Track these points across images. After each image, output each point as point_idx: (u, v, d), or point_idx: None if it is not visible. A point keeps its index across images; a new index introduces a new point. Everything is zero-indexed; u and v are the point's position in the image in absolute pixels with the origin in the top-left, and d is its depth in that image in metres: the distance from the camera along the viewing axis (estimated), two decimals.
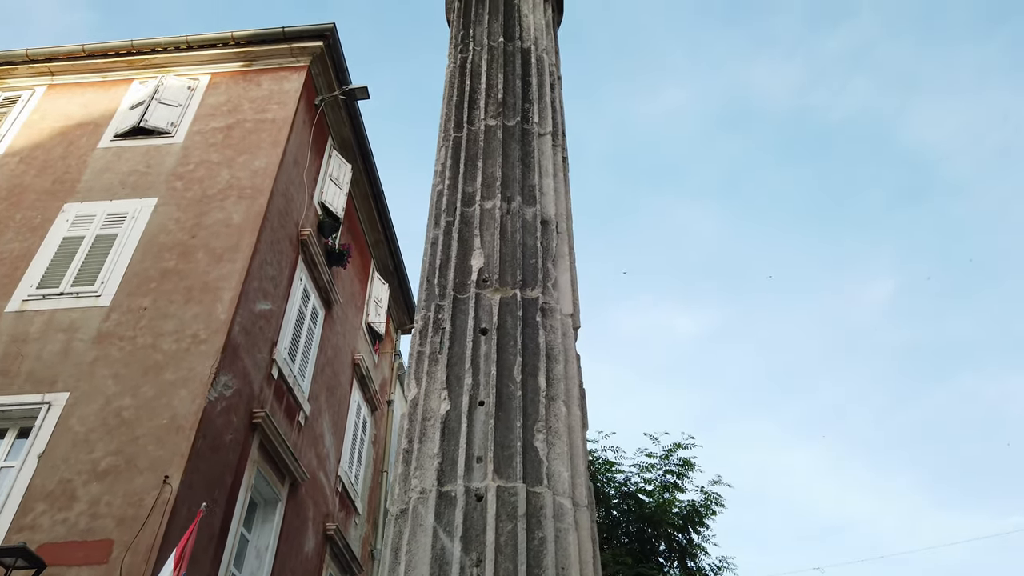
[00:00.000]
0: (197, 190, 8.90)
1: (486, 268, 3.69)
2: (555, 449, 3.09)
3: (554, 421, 3.18)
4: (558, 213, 4.19)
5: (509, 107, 4.58)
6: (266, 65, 10.71)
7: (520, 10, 5.35)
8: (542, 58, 5.11)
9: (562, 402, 3.27)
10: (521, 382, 3.22)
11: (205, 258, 8.04)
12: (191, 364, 7.07)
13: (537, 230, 3.91)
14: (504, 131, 4.41)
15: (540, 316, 3.52)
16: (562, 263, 3.96)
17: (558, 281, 3.82)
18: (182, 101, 10.30)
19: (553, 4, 5.83)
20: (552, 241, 3.96)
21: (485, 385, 3.21)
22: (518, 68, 4.88)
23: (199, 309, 7.54)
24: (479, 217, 3.93)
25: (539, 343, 3.40)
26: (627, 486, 11.75)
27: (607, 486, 11.57)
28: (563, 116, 5.04)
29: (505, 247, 3.79)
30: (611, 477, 11.67)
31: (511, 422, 3.09)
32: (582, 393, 3.70)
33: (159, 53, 10.98)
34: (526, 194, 4.09)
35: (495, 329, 3.40)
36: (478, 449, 3.02)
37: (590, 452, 11.95)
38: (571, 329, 3.68)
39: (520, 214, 3.94)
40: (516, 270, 3.66)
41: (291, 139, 9.57)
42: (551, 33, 5.51)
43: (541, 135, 4.56)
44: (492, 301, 3.53)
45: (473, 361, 3.30)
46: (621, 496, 11.51)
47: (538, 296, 3.60)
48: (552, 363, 3.39)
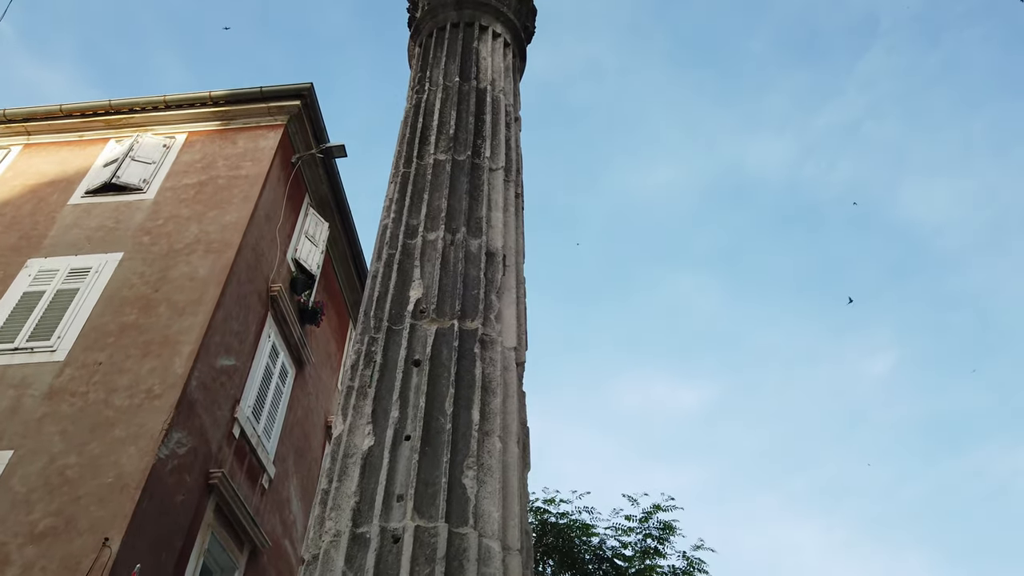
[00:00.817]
0: (164, 244, 8.75)
1: (424, 299, 3.49)
2: (486, 487, 2.83)
3: (487, 457, 2.93)
4: (507, 246, 4.02)
5: (460, 142, 4.48)
6: (243, 124, 10.73)
7: (479, 53, 5.31)
8: (498, 98, 5.04)
9: (497, 437, 3.02)
10: (452, 415, 2.98)
11: (167, 312, 7.82)
12: (142, 420, 6.76)
13: (481, 261, 3.73)
14: (453, 165, 4.29)
15: (479, 347, 3.30)
16: (508, 296, 3.76)
17: (502, 313, 3.62)
18: (156, 158, 10.27)
19: (515, 50, 5.80)
20: (497, 273, 3.77)
21: (413, 418, 2.97)
22: (472, 106, 4.79)
23: (156, 363, 7.27)
24: (420, 248, 3.76)
25: (475, 375, 3.18)
26: (603, 550, 11.20)
27: (582, 550, 11.01)
28: (519, 154, 4.93)
29: (446, 278, 3.60)
30: (586, 540, 11.13)
31: (438, 457, 2.83)
32: (525, 430, 3.45)
33: (137, 112, 11.01)
34: (472, 226, 3.93)
35: (428, 360, 3.18)
36: (400, 487, 2.76)
37: (563, 514, 11.48)
38: (513, 363, 3.45)
39: (464, 245, 3.77)
40: (455, 301, 3.47)
41: (263, 195, 9.48)
42: (511, 76, 5.46)
43: (493, 170, 4.43)
44: (428, 332, 3.32)
45: (402, 393, 3.07)
46: (597, 560, 10.95)
47: (478, 327, 3.39)
48: (489, 396, 3.16)
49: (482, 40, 5.44)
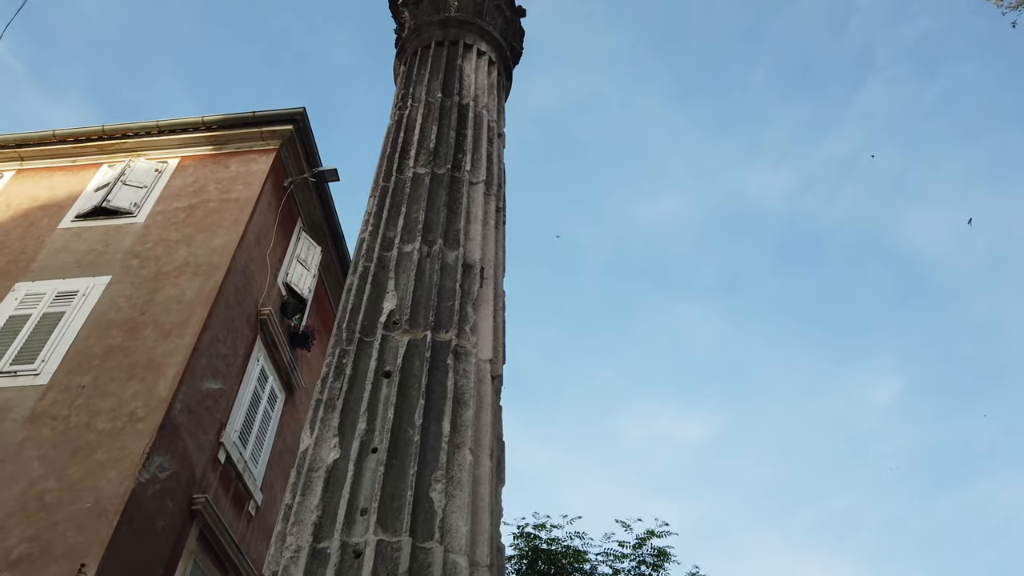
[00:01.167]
0: (152, 267, 8.69)
1: (398, 310, 3.42)
2: (455, 501, 2.73)
3: (457, 470, 2.83)
4: (485, 259, 3.95)
5: (441, 156, 4.43)
6: (236, 148, 10.73)
7: (462, 70, 5.30)
8: (481, 113, 5.01)
9: (468, 450, 2.92)
10: (422, 427, 2.89)
11: (153, 334, 7.73)
12: (124, 444, 6.64)
13: (458, 273, 3.66)
14: (432, 178, 4.24)
15: (452, 359, 3.22)
16: (485, 308, 3.69)
17: (478, 325, 3.54)
18: (148, 183, 10.25)
19: (500, 69, 5.79)
20: (475, 285, 3.70)
21: (380, 430, 2.87)
22: (454, 121, 4.76)
23: (140, 386, 7.17)
24: (396, 260, 3.70)
25: (447, 387, 3.09)
26: None
27: None
28: (502, 169, 4.89)
29: (420, 289, 3.53)
30: (578, 567, 10.87)
31: (405, 470, 2.73)
32: (500, 445, 3.36)
33: (130, 138, 11.03)
34: (449, 238, 3.86)
35: (399, 371, 3.09)
36: (364, 500, 2.66)
37: (554, 540, 11.24)
38: (488, 375, 3.36)
39: (440, 257, 3.70)
40: (430, 312, 3.39)
41: (254, 218, 9.45)
42: (495, 93, 5.43)
43: (473, 183, 4.38)
44: (400, 343, 3.24)
45: (370, 405, 2.98)
46: None
47: (451, 339, 3.31)
48: (461, 408, 3.07)
49: (466, 58, 5.43)
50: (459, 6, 5.91)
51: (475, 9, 5.93)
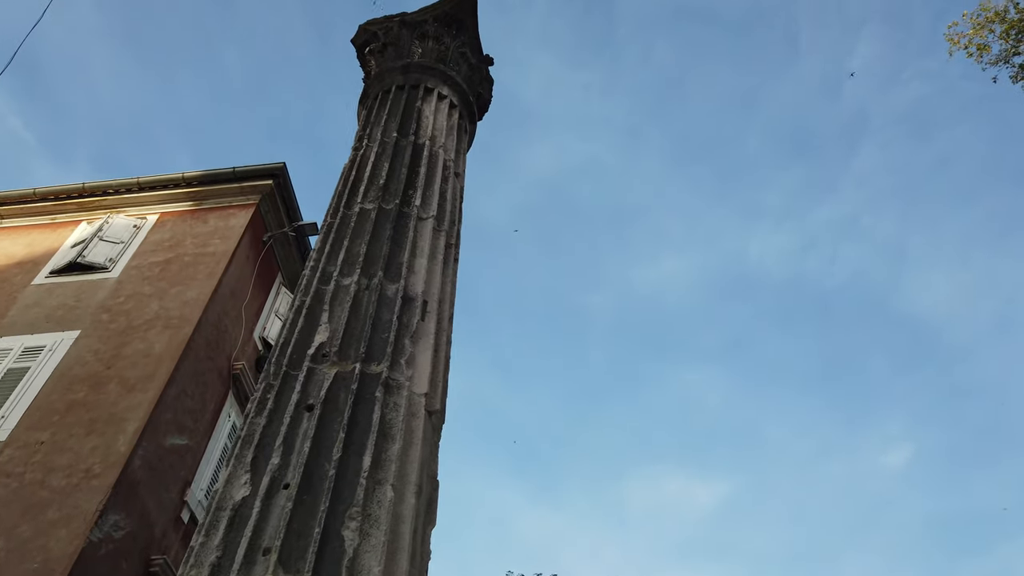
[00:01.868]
0: (122, 321, 8.55)
1: (329, 343, 3.27)
2: (370, 540, 2.53)
3: (375, 508, 2.63)
4: (428, 292, 3.82)
5: (390, 192, 4.35)
6: (216, 203, 10.73)
7: (421, 111, 5.27)
8: (437, 153, 4.96)
9: (391, 486, 2.73)
10: (339, 461, 2.70)
11: (116, 389, 7.53)
12: (77, 501, 6.38)
13: (396, 305, 3.53)
14: (379, 212, 4.15)
15: (382, 391, 3.06)
16: (424, 341, 3.54)
17: (415, 358, 3.39)
18: (125, 238, 10.21)
19: (462, 112, 5.77)
20: (414, 317, 3.56)
21: (295, 465, 2.69)
22: (407, 159, 4.70)
23: (99, 442, 6.94)
24: (332, 293, 3.57)
25: (372, 420, 2.92)
26: None
27: None
28: (456, 206, 4.81)
29: (355, 321, 3.39)
30: None
31: (316, 506, 2.54)
32: (434, 483, 3.16)
33: (110, 195, 11.04)
34: (391, 271, 3.74)
35: (321, 404, 2.93)
36: (268, 539, 2.46)
37: None
38: (422, 409, 3.19)
39: (379, 289, 3.57)
40: (361, 344, 3.24)
41: (229, 272, 9.35)
42: (455, 135, 5.39)
43: (423, 218, 4.28)
44: (327, 376, 3.08)
45: (286, 439, 2.80)
46: None
47: (383, 371, 3.15)
48: (386, 442, 2.89)
49: (426, 100, 5.41)
50: (422, 53, 5.94)
51: (438, 56, 5.96)
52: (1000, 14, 14.31)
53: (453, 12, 6.30)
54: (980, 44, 14.62)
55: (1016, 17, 14.24)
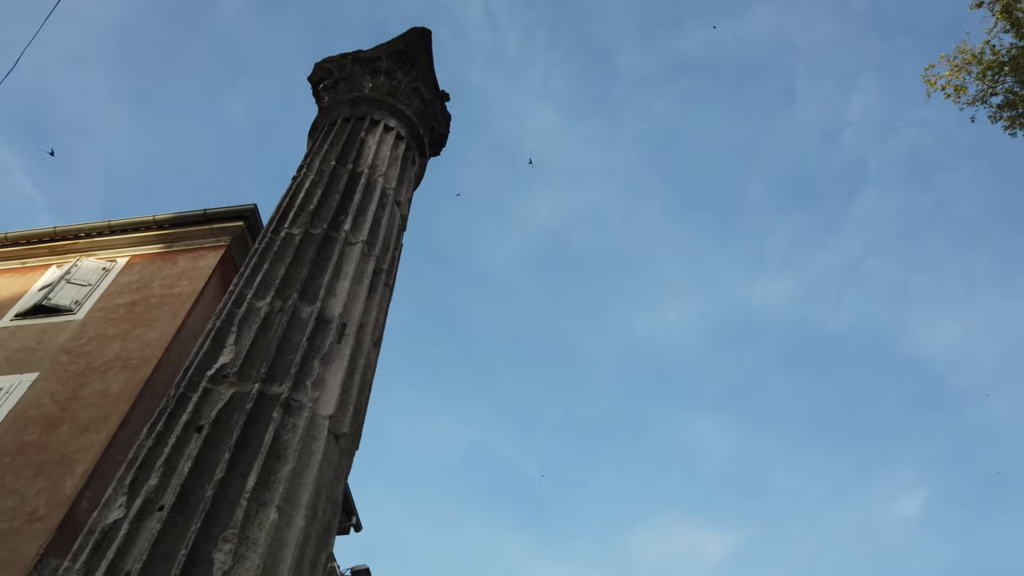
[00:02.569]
0: (82, 363, 8.42)
1: (232, 364, 3.17)
2: (244, 563, 2.40)
3: (255, 530, 2.51)
4: (348, 315, 3.74)
5: (320, 217, 4.31)
6: (186, 246, 10.69)
7: (364, 142, 5.27)
8: (376, 181, 4.93)
9: (276, 508, 2.61)
10: (220, 482, 2.59)
11: (69, 430, 7.37)
12: (17, 545, 6.17)
13: (309, 327, 3.44)
14: (304, 237, 4.09)
15: (280, 412, 2.95)
16: (337, 363, 3.44)
17: (325, 380, 3.29)
18: (93, 281, 10.14)
19: (411, 144, 5.77)
20: (327, 340, 3.47)
21: (173, 487, 2.57)
22: (342, 186, 4.67)
23: (46, 484, 6.75)
24: (243, 315, 3.48)
25: (264, 441, 2.81)
26: None
27: None
28: (392, 233, 4.75)
29: (262, 343, 3.30)
30: None
31: (187, 528, 2.42)
32: (334, 507, 3.03)
33: (81, 238, 11.01)
34: (308, 294, 3.67)
35: (211, 425, 2.82)
36: (131, 561, 2.33)
37: None
38: (325, 431, 3.08)
39: (291, 311, 3.49)
40: (264, 364, 3.15)
41: (194, 312, 9.25)
42: (399, 165, 5.38)
43: (351, 243, 4.23)
44: (222, 396, 2.98)
45: (169, 460, 2.69)
46: None
47: (284, 392, 3.05)
48: (278, 463, 2.77)
49: (371, 131, 5.42)
50: (373, 87, 5.97)
51: (389, 90, 5.98)
52: (977, 56, 14.52)
53: (407, 49, 6.35)
54: (957, 85, 14.82)
55: (993, 59, 14.45)
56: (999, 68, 14.52)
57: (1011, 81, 14.33)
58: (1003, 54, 14.23)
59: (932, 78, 14.91)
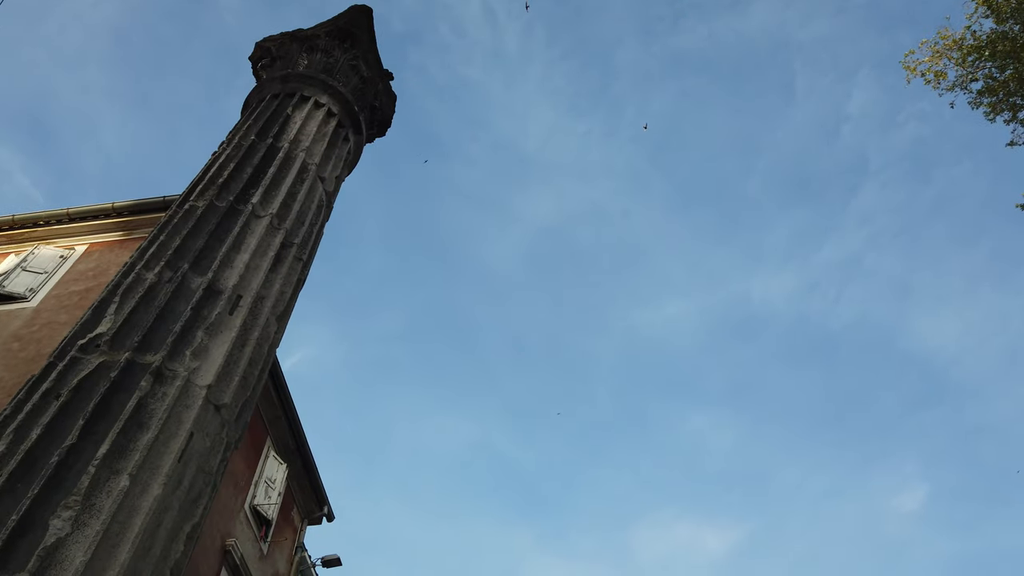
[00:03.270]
0: (32, 349, 8.31)
1: (107, 333, 3.09)
2: (84, 530, 2.33)
3: (103, 498, 2.43)
4: (245, 287, 3.66)
5: (228, 190, 4.21)
6: (146, 233, 10.56)
7: (290, 118, 5.18)
8: (296, 155, 4.84)
9: (128, 475, 2.53)
10: (70, 449, 2.51)
11: None
12: None
13: (195, 297, 3.36)
14: (208, 209, 4.01)
15: (150, 381, 2.87)
16: (225, 334, 3.36)
17: (208, 350, 3.21)
18: (50, 268, 10.03)
19: (343, 121, 5.68)
20: (215, 310, 3.39)
21: (19, 453, 2.49)
22: (257, 159, 4.58)
23: None
24: (128, 285, 3.40)
25: (127, 408, 2.73)
26: None
27: None
28: (309, 207, 4.66)
29: (143, 312, 3.22)
30: None
31: (24, 494, 2.34)
32: (208, 479, 2.97)
33: (40, 226, 10.88)
34: (202, 264, 3.58)
35: (70, 392, 2.74)
36: None
37: None
38: (200, 400, 3.00)
39: (179, 282, 3.40)
40: (137, 333, 3.06)
41: None
42: (327, 141, 5.28)
43: (259, 216, 4.14)
44: (88, 365, 2.90)
45: (20, 428, 2.62)
46: None
47: (158, 361, 2.97)
48: (139, 432, 2.70)
49: (299, 107, 5.32)
50: (308, 64, 5.87)
51: (324, 68, 5.89)
52: (958, 41, 14.41)
53: (347, 27, 6.25)
54: (937, 71, 14.72)
55: (973, 44, 14.34)
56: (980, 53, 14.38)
57: (990, 66, 14.23)
58: (983, 39, 14.13)
59: (912, 64, 14.81)
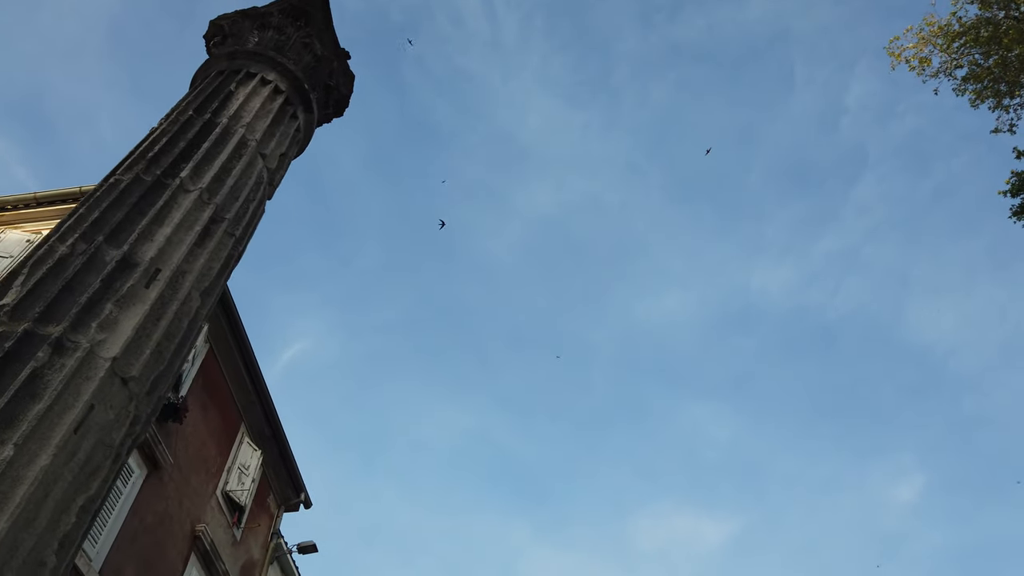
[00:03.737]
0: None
1: (8, 304, 3.03)
2: None
3: None
4: (164, 260, 3.60)
5: (157, 164, 4.15)
6: None
7: (233, 94, 5.10)
8: (235, 131, 4.77)
9: (13, 445, 2.50)
10: None
11: None
12: None
13: (107, 269, 3.30)
14: (133, 182, 3.95)
15: (47, 352, 2.83)
16: (138, 307, 3.30)
17: (118, 323, 3.16)
18: (15, 253, 9.95)
19: (295, 100, 5.60)
20: (128, 283, 3.33)
21: None
22: (192, 134, 4.51)
23: None
24: (39, 257, 3.34)
25: (18, 378, 2.68)
26: None
27: None
28: (244, 184, 4.59)
29: (50, 284, 3.16)
30: None
31: None
32: (108, 452, 2.92)
33: (8, 210, 10.81)
34: (119, 237, 3.53)
35: None
36: None
37: None
38: (103, 372, 2.95)
39: (92, 253, 3.35)
40: (41, 304, 3.01)
41: None
42: (271, 118, 5.20)
43: (187, 190, 4.08)
44: None
45: None
46: None
47: (57, 331, 2.92)
48: (31, 402, 2.66)
49: (243, 84, 5.24)
50: (258, 42, 5.79)
51: (275, 45, 5.81)
52: (943, 28, 14.29)
53: (300, 4, 6.16)
54: (922, 58, 14.61)
55: (959, 30, 14.22)
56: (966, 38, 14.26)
57: (975, 53, 14.13)
58: (968, 25, 14.02)
59: (896, 50, 14.69)
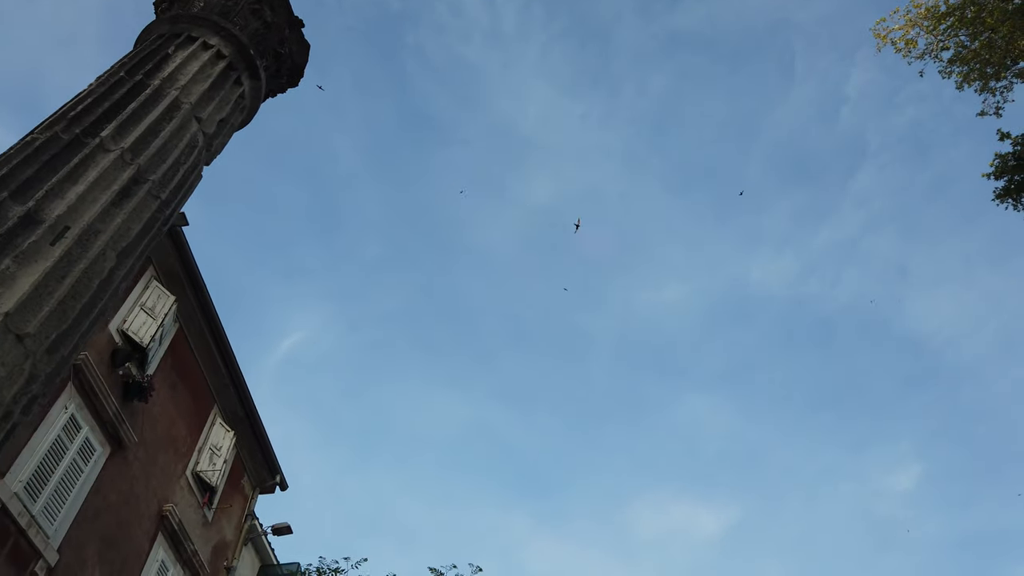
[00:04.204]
0: None
1: None
2: None
3: None
4: (74, 219, 3.51)
5: (78, 123, 4.06)
6: None
7: (171, 57, 5.00)
8: (167, 93, 4.68)
9: None
10: None
11: None
12: None
13: (7, 224, 3.21)
14: (50, 140, 3.85)
15: None
16: (39, 264, 3.23)
17: (15, 278, 3.09)
18: None
19: (239, 64, 5.49)
20: (29, 239, 3.24)
21: None
22: (119, 95, 4.41)
23: None
24: None
25: None
26: None
27: None
28: (173, 146, 4.49)
29: None
30: None
31: None
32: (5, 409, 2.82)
33: None
34: (26, 193, 3.44)
35: None
36: None
37: None
38: None
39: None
40: None
41: None
42: (210, 81, 5.10)
43: (107, 150, 3.99)
44: None
45: None
46: None
47: None
48: None
49: (182, 47, 5.14)
50: (204, 7, 5.68)
51: (221, 10, 5.69)
52: (931, 9, 14.14)
53: None
54: (908, 40, 14.46)
55: (945, 11, 14.05)
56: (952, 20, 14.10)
57: (961, 34, 13.99)
58: (954, 6, 13.86)
59: (882, 32, 14.53)
